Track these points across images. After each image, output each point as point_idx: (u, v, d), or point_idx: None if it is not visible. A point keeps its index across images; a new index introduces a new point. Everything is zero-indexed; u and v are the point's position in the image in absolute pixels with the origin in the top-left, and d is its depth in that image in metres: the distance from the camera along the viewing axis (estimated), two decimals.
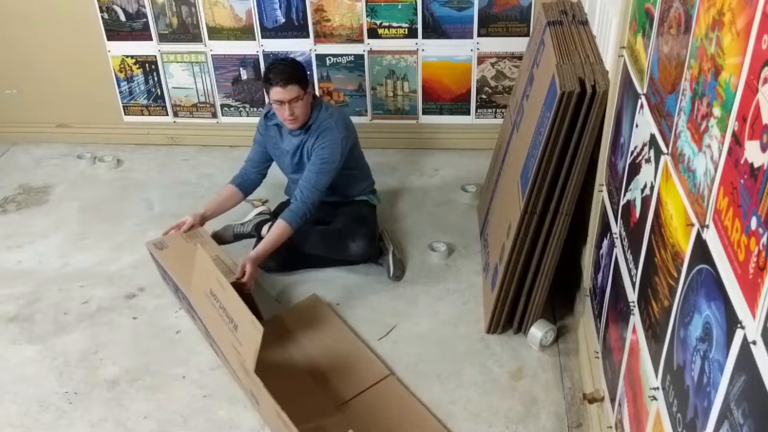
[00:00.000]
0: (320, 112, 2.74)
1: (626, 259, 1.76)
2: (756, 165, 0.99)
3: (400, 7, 3.40)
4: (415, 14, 3.40)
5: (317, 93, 2.85)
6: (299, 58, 3.57)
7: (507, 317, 2.47)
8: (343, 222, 2.83)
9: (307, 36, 3.52)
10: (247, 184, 2.92)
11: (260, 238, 2.89)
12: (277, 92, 2.61)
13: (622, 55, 1.93)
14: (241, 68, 3.68)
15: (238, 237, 2.93)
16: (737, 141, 1.06)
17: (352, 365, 2.41)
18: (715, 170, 1.15)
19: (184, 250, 2.60)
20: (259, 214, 3.03)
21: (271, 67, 2.66)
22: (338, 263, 2.87)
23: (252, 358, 2.03)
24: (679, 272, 1.33)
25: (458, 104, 3.65)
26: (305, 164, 2.78)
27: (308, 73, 2.75)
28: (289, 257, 2.85)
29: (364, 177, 3.00)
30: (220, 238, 2.80)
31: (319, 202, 2.71)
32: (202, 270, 2.36)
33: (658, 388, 1.43)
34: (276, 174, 3.27)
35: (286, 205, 3.00)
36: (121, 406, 2.29)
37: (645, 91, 1.68)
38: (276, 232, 2.65)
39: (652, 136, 1.57)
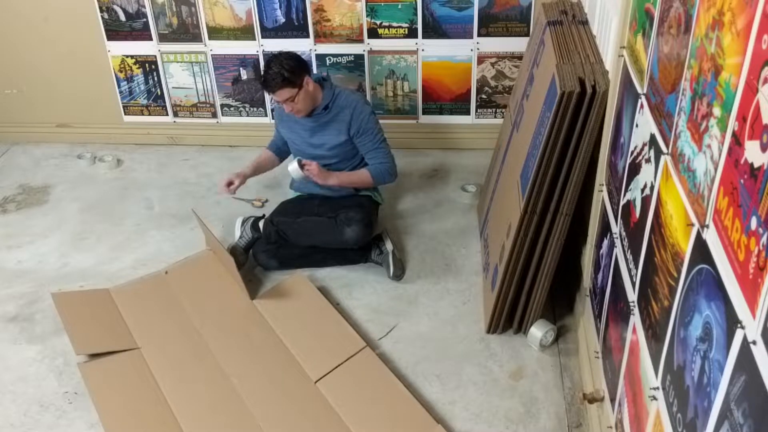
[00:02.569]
0: (336, 91, 2.83)
1: (626, 259, 1.76)
2: (756, 165, 0.99)
3: (400, 7, 3.40)
4: (415, 14, 3.40)
5: (326, 76, 2.90)
6: None
7: (507, 317, 2.47)
8: (340, 210, 2.83)
9: (307, 36, 3.52)
10: (281, 152, 3.08)
11: (260, 236, 2.90)
12: (273, 96, 2.75)
13: (622, 55, 1.93)
14: (241, 68, 3.68)
15: (248, 248, 2.93)
16: (737, 141, 1.06)
17: (330, 339, 2.49)
18: (715, 170, 1.15)
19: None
20: (244, 221, 3.03)
21: (265, 69, 2.70)
22: (337, 261, 2.88)
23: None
24: (679, 272, 1.33)
25: (458, 104, 3.65)
26: (327, 139, 2.84)
27: (304, 62, 2.77)
28: (289, 256, 2.86)
29: None
30: (238, 263, 2.79)
31: (395, 167, 2.92)
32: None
33: (658, 388, 1.43)
34: (275, 175, 3.28)
35: (286, 205, 3.00)
36: None
37: (645, 91, 1.68)
38: (359, 173, 2.89)
39: (652, 136, 1.57)
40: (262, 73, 2.72)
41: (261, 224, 2.92)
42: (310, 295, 2.70)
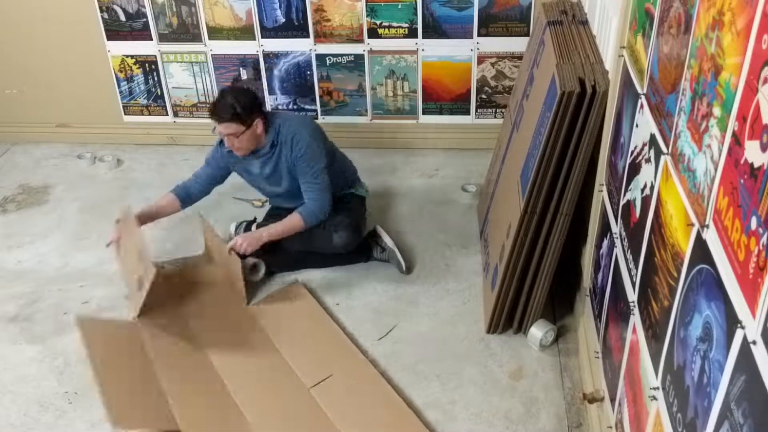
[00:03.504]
0: (278, 127, 2.70)
1: (626, 259, 1.76)
2: (756, 165, 0.99)
3: (400, 7, 3.40)
4: (415, 14, 3.40)
5: (270, 109, 2.75)
6: (299, 58, 3.58)
7: (507, 317, 2.47)
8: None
9: (307, 36, 3.52)
10: (187, 196, 2.86)
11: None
12: (217, 126, 2.63)
13: (622, 55, 1.93)
14: (241, 68, 3.68)
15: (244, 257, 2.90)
16: (737, 141, 1.06)
17: (327, 347, 2.48)
18: (715, 170, 1.15)
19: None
20: (237, 228, 3.01)
21: (218, 97, 2.64)
22: (337, 261, 2.87)
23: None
24: (679, 272, 1.33)
25: (458, 104, 3.65)
26: (282, 177, 2.76)
27: (258, 102, 2.66)
28: (287, 258, 2.85)
29: (340, 173, 2.92)
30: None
31: (332, 198, 2.75)
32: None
33: (658, 388, 1.43)
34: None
35: (277, 208, 2.98)
36: None
37: (645, 91, 1.68)
38: (289, 221, 2.70)
39: (652, 136, 1.57)
40: (218, 98, 2.63)
41: (254, 228, 2.90)
42: (308, 303, 2.69)
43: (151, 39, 3.65)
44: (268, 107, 3.75)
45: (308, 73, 3.63)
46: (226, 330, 2.57)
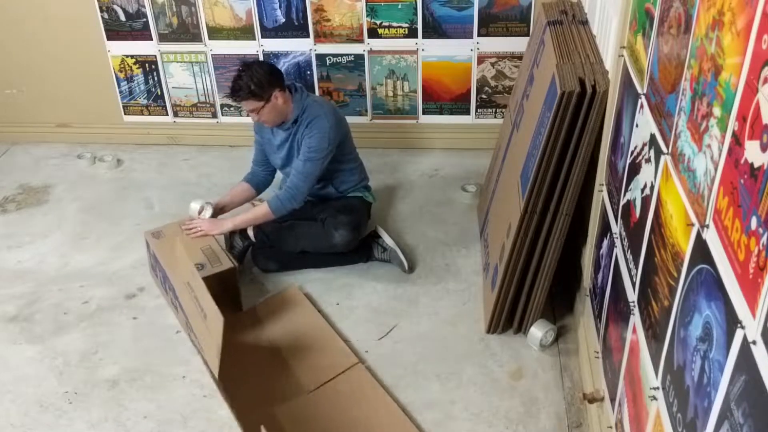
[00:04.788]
0: (306, 103, 2.72)
1: (626, 259, 1.76)
2: (756, 165, 0.99)
3: (400, 7, 3.40)
4: (415, 14, 3.40)
5: (297, 87, 2.75)
6: (299, 58, 3.58)
7: (507, 317, 2.47)
8: (329, 213, 2.81)
9: (307, 36, 3.52)
10: (258, 182, 2.97)
11: (253, 243, 2.88)
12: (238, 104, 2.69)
13: (622, 55, 1.93)
14: None
15: (241, 258, 2.88)
16: (737, 141, 1.06)
17: (323, 353, 2.46)
18: (715, 170, 1.15)
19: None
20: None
21: (235, 78, 2.63)
22: (337, 261, 2.87)
23: (215, 352, 2.12)
24: (679, 272, 1.33)
25: (458, 104, 3.65)
26: (294, 156, 2.79)
27: (276, 75, 2.65)
28: (288, 258, 2.85)
29: (356, 172, 2.94)
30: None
31: (308, 191, 2.74)
32: (181, 261, 2.42)
33: (658, 388, 1.43)
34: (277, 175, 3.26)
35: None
36: (120, 405, 2.29)
37: (645, 91, 1.68)
38: (257, 212, 2.75)
39: (652, 136, 1.57)
40: (234, 78, 2.63)
41: (249, 230, 2.89)
42: (304, 307, 2.67)
43: (151, 39, 3.65)
44: None
45: (308, 73, 3.63)
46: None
